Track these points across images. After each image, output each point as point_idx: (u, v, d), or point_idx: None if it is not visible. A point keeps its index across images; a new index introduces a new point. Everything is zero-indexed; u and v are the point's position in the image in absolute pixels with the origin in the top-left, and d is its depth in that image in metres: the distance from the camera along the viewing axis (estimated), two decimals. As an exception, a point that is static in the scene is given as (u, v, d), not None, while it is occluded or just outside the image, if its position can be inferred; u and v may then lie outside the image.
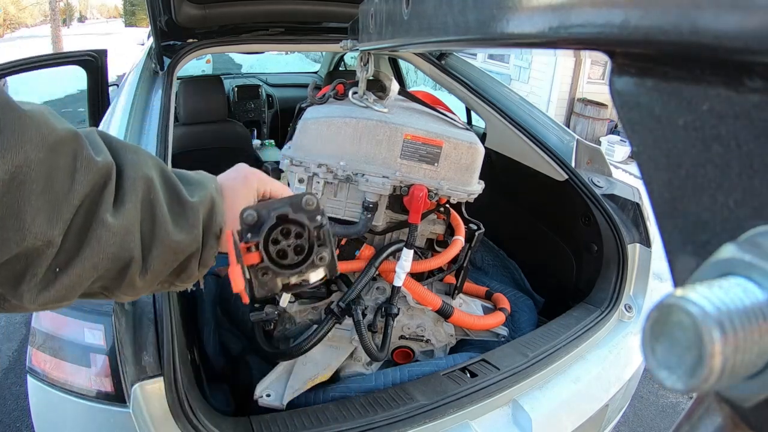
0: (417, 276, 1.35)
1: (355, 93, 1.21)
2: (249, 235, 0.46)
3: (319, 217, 0.48)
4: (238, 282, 0.45)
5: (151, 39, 1.69)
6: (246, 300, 0.47)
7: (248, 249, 0.47)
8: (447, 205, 1.32)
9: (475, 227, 1.37)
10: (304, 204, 0.48)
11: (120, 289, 0.44)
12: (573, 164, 1.66)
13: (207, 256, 0.49)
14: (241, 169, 0.56)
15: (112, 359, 0.86)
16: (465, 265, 1.38)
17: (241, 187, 0.53)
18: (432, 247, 1.41)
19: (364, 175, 1.16)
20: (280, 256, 0.47)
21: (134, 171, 0.43)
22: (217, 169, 0.58)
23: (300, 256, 0.48)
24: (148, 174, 0.44)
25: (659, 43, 0.20)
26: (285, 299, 0.66)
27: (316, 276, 0.50)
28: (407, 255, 1.20)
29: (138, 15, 27.09)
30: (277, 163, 1.26)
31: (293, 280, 0.49)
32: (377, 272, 1.25)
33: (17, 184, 0.35)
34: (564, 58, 6.75)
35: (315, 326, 1.25)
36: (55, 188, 0.37)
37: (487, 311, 1.46)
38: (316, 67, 4.97)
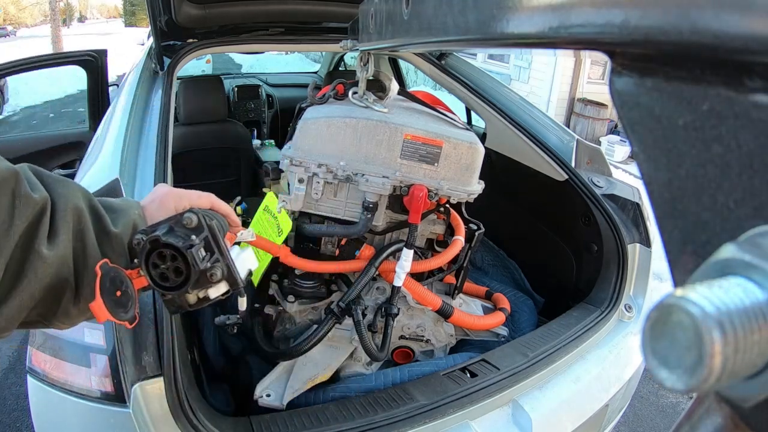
0: (417, 276, 1.35)
1: (355, 93, 1.21)
2: (135, 260, 0.49)
3: (194, 237, 0.49)
4: (100, 314, 0.46)
5: (151, 39, 1.69)
6: (100, 320, 0.48)
7: (139, 273, 0.49)
8: (447, 205, 1.32)
9: (475, 227, 1.37)
10: (185, 222, 0.49)
11: (56, 317, 0.46)
12: (573, 164, 1.66)
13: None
14: (158, 191, 0.59)
15: (112, 359, 0.86)
16: (465, 265, 1.38)
17: (157, 211, 0.56)
18: (432, 247, 1.41)
19: (364, 175, 1.16)
20: (163, 278, 0.49)
21: (65, 203, 0.45)
22: (217, 168, 0.58)
23: (180, 277, 0.49)
24: (78, 205, 0.46)
25: (659, 43, 0.20)
26: (242, 303, 0.68)
27: (216, 291, 0.52)
28: (407, 255, 1.20)
29: (138, 15, 27.09)
30: (277, 163, 1.26)
31: (192, 299, 0.51)
32: (377, 272, 1.25)
33: None
34: (564, 58, 6.75)
35: (315, 326, 1.25)
36: None
37: (487, 311, 1.46)
38: (316, 67, 4.97)
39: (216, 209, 0.61)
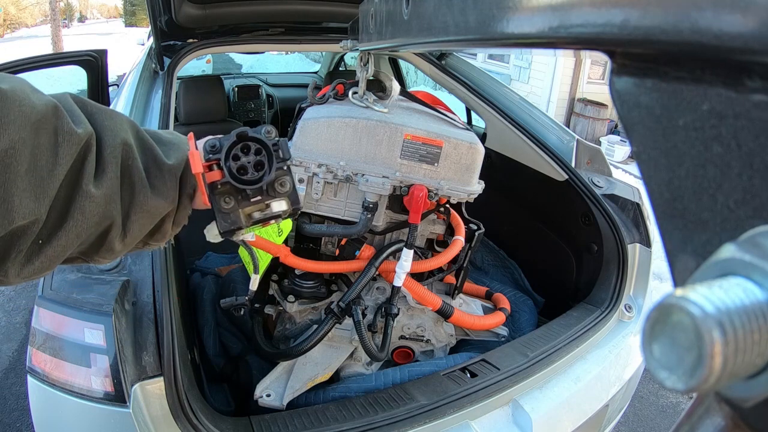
0: (417, 276, 1.35)
1: (355, 93, 1.21)
2: (211, 155, 0.48)
3: (275, 137, 0.50)
4: (196, 165, 0.46)
5: (151, 39, 1.69)
6: (205, 200, 0.48)
7: (210, 168, 0.48)
8: (447, 205, 1.32)
9: (475, 227, 1.37)
10: (263, 132, 0.50)
11: (98, 253, 0.45)
12: (573, 164, 1.66)
13: (181, 216, 0.50)
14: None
15: (112, 359, 0.86)
16: (465, 265, 1.38)
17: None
18: (432, 247, 1.41)
19: (364, 175, 1.16)
20: (241, 172, 0.49)
21: (113, 138, 0.42)
22: None
23: (260, 172, 0.49)
24: (126, 139, 0.43)
25: (659, 43, 0.20)
26: (254, 282, 0.68)
27: (279, 206, 0.51)
28: (407, 255, 1.20)
29: (138, 15, 27.09)
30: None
31: (256, 213, 0.50)
32: (377, 272, 1.25)
33: (3, 168, 0.35)
34: (564, 58, 6.75)
35: (315, 326, 1.25)
36: (39, 166, 0.37)
37: (487, 311, 1.46)
38: (316, 67, 4.97)
39: None
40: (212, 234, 0.53)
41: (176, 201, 0.48)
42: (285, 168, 0.50)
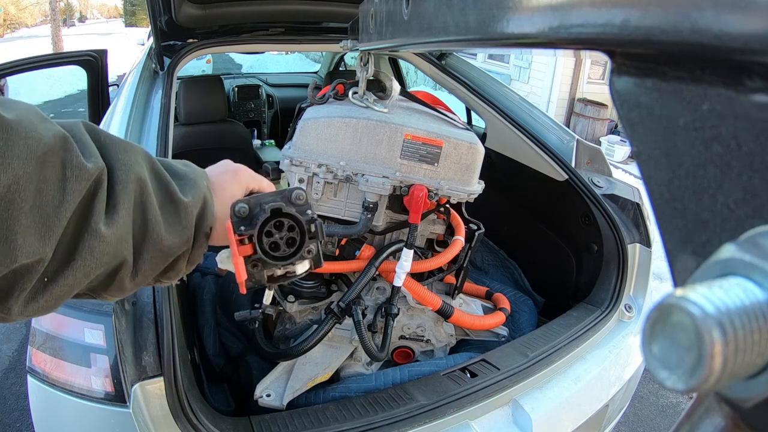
0: (417, 276, 1.35)
1: (355, 93, 1.21)
2: (242, 227, 0.47)
3: (309, 212, 0.50)
4: (241, 272, 0.47)
5: (151, 39, 1.69)
6: (243, 290, 0.48)
7: (241, 242, 0.47)
8: (447, 205, 1.32)
9: (475, 227, 1.37)
10: (294, 198, 0.49)
11: (107, 291, 0.43)
12: (573, 164, 1.66)
13: (196, 255, 0.48)
14: (230, 165, 0.55)
15: (112, 359, 0.86)
16: (465, 265, 1.38)
17: (230, 183, 0.52)
18: (432, 247, 1.41)
19: (364, 175, 1.16)
20: (273, 248, 0.48)
21: (126, 173, 0.40)
22: None
23: (291, 248, 0.49)
24: (140, 174, 0.41)
25: (659, 43, 0.20)
26: (268, 297, 0.69)
27: (302, 268, 0.51)
28: (407, 255, 1.20)
29: (138, 15, 27.09)
30: (277, 163, 1.26)
31: (279, 272, 0.51)
32: (377, 272, 1.25)
33: (5, 204, 0.32)
34: (564, 58, 6.75)
35: (315, 326, 1.25)
36: (44, 202, 0.35)
37: (487, 311, 1.46)
38: (316, 67, 4.97)
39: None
40: (224, 264, 0.53)
41: (191, 240, 0.45)
42: (316, 236, 0.51)
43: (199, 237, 0.46)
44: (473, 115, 2.15)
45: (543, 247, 1.79)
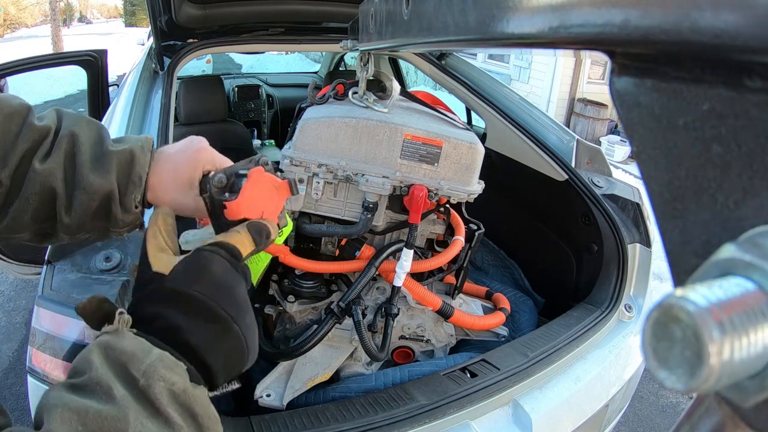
0: (417, 276, 1.35)
1: (355, 93, 1.21)
2: (226, 194, 0.53)
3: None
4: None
5: (151, 39, 1.69)
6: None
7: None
8: (447, 205, 1.32)
9: (475, 227, 1.37)
10: (262, 162, 0.57)
11: (56, 228, 0.56)
12: (573, 164, 1.66)
13: (127, 201, 0.56)
14: (193, 144, 0.61)
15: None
16: (465, 265, 1.38)
17: (186, 156, 0.59)
18: (432, 247, 1.41)
19: (364, 175, 1.16)
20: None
21: (64, 131, 0.55)
22: None
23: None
24: (75, 131, 0.55)
25: (659, 43, 0.20)
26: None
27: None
28: (407, 255, 1.20)
29: (138, 15, 27.09)
30: (277, 163, 1.26)
31: None
32: (377, 272, 1.25)
33: None
34: (564, 58, 6.75)
35: (315, 326, 1.25)
36: (6, 144, 0.52)
37: (487, 311, 1.46)
38: (316, 67, 4.97)
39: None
40: (190, 245, 0.58)
41: (114, 183, 0.55)
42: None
43: (127, 184, 0.56)
44: (473, 115, 2.15)
45: (543, 247, 1.79)
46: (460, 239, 1.33)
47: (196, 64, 4.26)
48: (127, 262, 0.96)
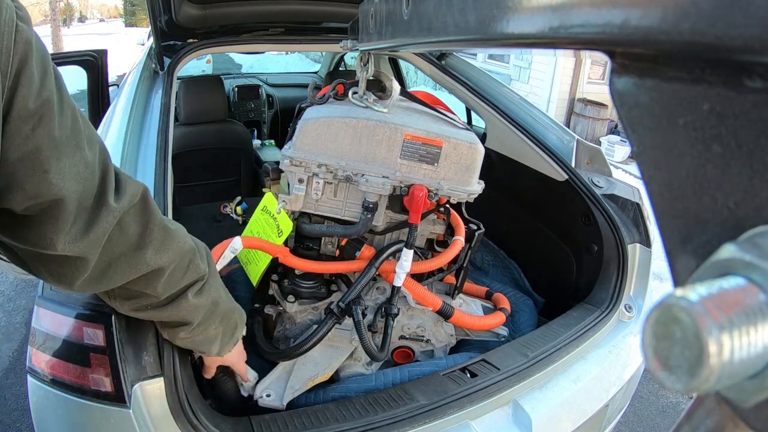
0: (417, 276, 1.35)
1: (355, 93, 1.21)
2: None
3: None
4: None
5: (151, 39, 1.69)
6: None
7: None
8: (447, 205, 1.32)
9: (475, 227, 1.37)
10: None
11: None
12: (573, 164, 1.66)
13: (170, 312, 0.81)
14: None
15: (112, 359, 0.86)
16: (465, 265, 1.38)
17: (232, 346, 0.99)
18: (432, 247, 1.41)
19: (363, 175, 1.16)
20: None
21: (213, 277, 0.84)
22: (217, 168, 0.60)
23: None
24: (217, 296, 0.86)
25: (659, 43, 0.20)
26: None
27: None
28: (407, 255, 1.20)
29: (138, 15, 27.08)
30: (277, 163, 1.26)
31: None
32: (377, 272, 1.25)
33: (166, 272, 0.72)
34: (564, 58, 6.75)
35: (315, 326, 1.25)
36: (177, 276, 0.74)
37: (487, 311, 1.46)
38: (316, 67, 4.97)
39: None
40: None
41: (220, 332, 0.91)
42: None
43: (224, 337, 0.92)
44: (473, 115, 2.15)
45: (543, 247, 1.79)
46: (460, 239, 1.33)
47: (196, 64, 4.26)
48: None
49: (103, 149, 0.61)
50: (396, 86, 1.22)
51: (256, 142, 3.28)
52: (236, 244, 1.16)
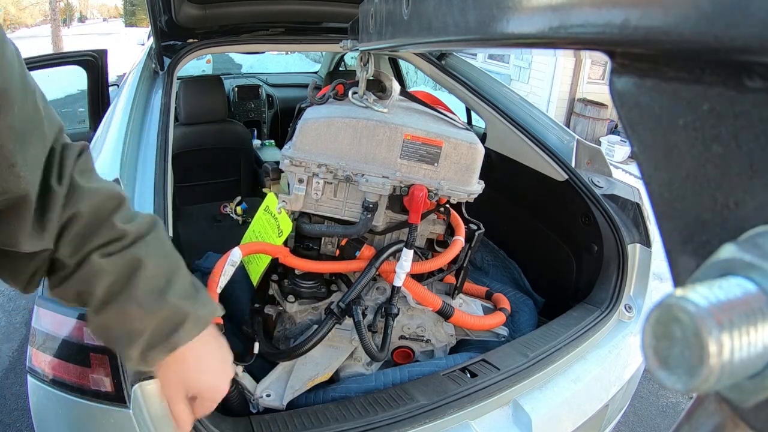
0: (417, 276, 1.35)
1: (355, 93, 1.21)
2: None
3: None
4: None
5: (151, 39, 1.69)
6: None
7: None
8: (447, 205, 1.32)
9: (475, 227, 1.37)
10: None
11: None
12: (573, 164, 1.66)
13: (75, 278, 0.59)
14: (221, 352, 0.70)
15: (112, 359, 0.86)
16: (465, 265, 1.38)
17: (203, 348, 0.66)
18: (432, 247, 1.41)
19: (363, 175, 1.16)
20: None
21: (139, 249, 0.60)
22: (217, 168, 0.60)
23: None
24: (142, 258, 0.60)
25: (659, 43, 0.20)
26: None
27: None
28: (407, 255, 1.20)
29: (138, 15, 27.08)
30: (277, 163, 1.26)
31: None
32: (377, 272, 1.25)
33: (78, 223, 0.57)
34: (564, 58, 6.75)
35: (315, 326, 1.25)
36: (85, 233, 0.58)
37: (487, 311, 1.46)
38: (316, 67, 4.97)
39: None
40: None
41: (148, 329, 0.57)
42: None
43: (155, 336, 0.58)
44: (473, 115, 2.15)
45: (543, 247, 1.79)
46: (460, 239, 1.33)
47: (196, 64, 4.26)
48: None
49: (61, 128, 0.58)
50: (396, 86, 1.22)
51: (256, 142, 3.28)
52: (235, 256, 1.15)
